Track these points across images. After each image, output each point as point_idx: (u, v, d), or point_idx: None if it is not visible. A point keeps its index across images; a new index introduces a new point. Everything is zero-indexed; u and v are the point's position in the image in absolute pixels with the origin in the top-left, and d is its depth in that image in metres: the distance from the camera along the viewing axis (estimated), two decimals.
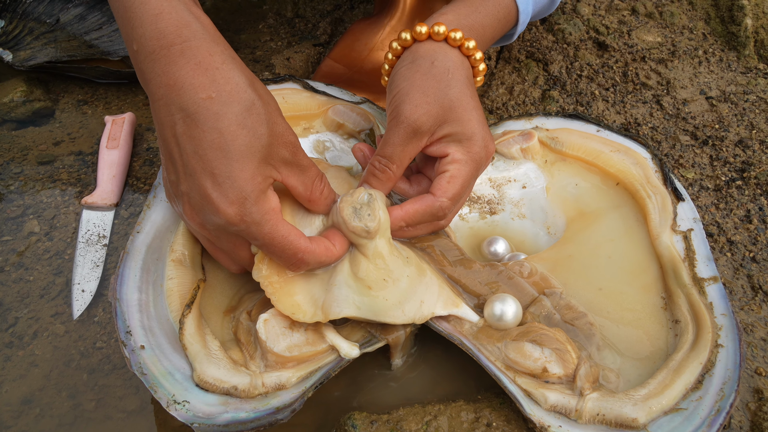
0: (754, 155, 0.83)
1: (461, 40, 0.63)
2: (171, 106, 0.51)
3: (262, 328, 0.56)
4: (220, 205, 0.51)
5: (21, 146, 0.85)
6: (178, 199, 0.55)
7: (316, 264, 0.57)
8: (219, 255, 0.60)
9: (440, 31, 0.63)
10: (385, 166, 0.62)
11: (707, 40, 0.99)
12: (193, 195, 0.52)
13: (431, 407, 0.58)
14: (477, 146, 0.62)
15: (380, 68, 0.91)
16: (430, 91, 0.61)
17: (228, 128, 0.50)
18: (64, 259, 0.72)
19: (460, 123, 0.61)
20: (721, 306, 0.60)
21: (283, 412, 0.53)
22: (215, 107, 0.50)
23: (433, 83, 0.61)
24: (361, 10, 1.09)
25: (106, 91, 0.95)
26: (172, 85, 0.51)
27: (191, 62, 0.51)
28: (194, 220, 0.54)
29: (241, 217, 0.51)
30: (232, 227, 0.52)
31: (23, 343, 0.65)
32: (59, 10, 0.91)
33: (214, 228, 0.53)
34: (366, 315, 0.57)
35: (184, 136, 0.51)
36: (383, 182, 0.62)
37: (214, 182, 0.51)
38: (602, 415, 0.54)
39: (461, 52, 0.64)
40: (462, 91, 0.62)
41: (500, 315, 0.60)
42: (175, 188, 0.55)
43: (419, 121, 0.60)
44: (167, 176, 0.56)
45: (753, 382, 0.62)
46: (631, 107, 0.91)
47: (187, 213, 0.54)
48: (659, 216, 0.67)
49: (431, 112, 0.60)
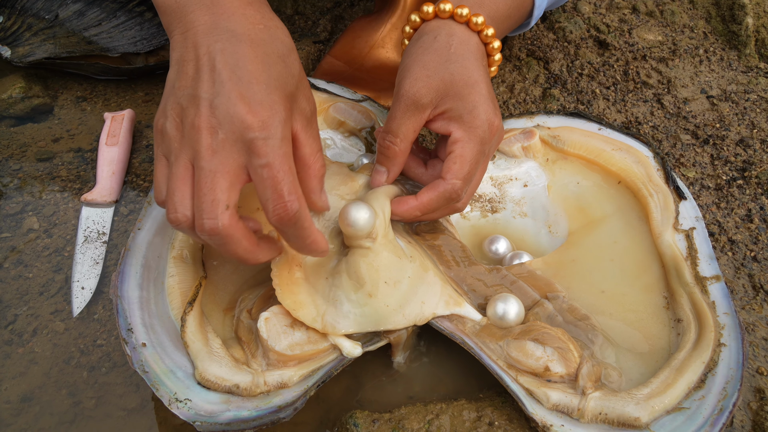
0: (755, 154, 0.83)
1: (468, 16, 0.62)
2: (217, 28, 0.52)
3: (263, 326, 0.56)
4: (248, 110, 0.48)
5: (20, 143, 0.84)
6: (191, 100, 0.50)
7: (301, 224, 0.51)
8: (178, 183, 0.50)
9: (446, 9, 0.62)
10: (390, 142, 0.61)
11: (708, 39, 0.99)
12: (219, 99, 0.49)
13: (433, 406, 0.57)
14: (478, 121, 0.60)
15: (381, 66, 0.91)
16: (430, 64, 0.60)
17: (269, 55, 0.52)
18: (64, 256, 0.72)
19: (460, 98, 0.60)
20: (723, 305, 0.60)
21: (286, 410, 0.53)
22: (263, 35, 0.52)
23: (433, 57, 0.60)
24: (362, 7, 1.09)
25: (105, 87, 0.94)
26: (222, 13, 0.52)
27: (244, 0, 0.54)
28: (205, 121, 0.49)
29: (263, 125, 0.48)
30: (250, 133, 0.48)
31: (23, 341, 0.65)
32: (58, 6, 0.91)
33: (227, 133, 0.48)
34: (368, 328, 0.57)
35: (225, 51, 0.50)
36: (390, 158, 0.62)
37: (248, 93, 0.49)
38: (604, 414, 0.54)
39: (469, 28, 0.63)
40: (464, 66, 0.60)
41: (502, 314, 0.60)
42: (187, 89, 0.51)
43: (418, 94, 0.59)
44: (178, 80, 0.52)
45: (755, 381, 0.62)
46: (632, 106, 0.90)
47: (200, 113, 0.49)
48: (661, 215, 0.67)
49: (431, 85, 0.59)
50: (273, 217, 0.49)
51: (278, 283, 0.56)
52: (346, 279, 0.58)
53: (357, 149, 0.78)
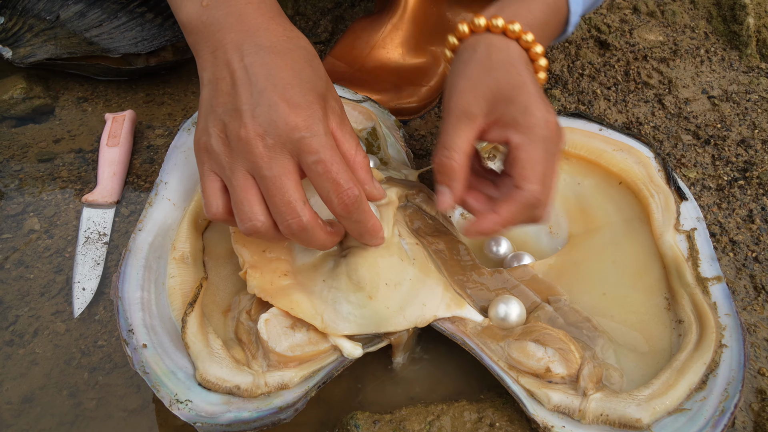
0: (756, 155, 0.83)
1: (503, 26, 0.61)
2: (245, 44, 0.54)
3: (263, 328, 0.56)
4: (290, 112, 0.51)
5: (21, 144, 0.85)
6: (232, 114, 0.53)
7: (363, 208, 0.54)
8: (244, 194, 0.53)
9: (480, 23, 0.61)
10: (446, 157, 0.59)
11: (709, 39, 0.99)
12: (260, 108, 0.52)
13: (434, 407, 0.57)
14: (534, 119, 0.57)
15: (382, 66, 0.91)
16: (474, 75, 0.59)
17: (297, 61, 0.54)
18: (65, 257, 0.72)
19: (510, 101, 0.58)
20: (725, 306, 0.60)
21: (286, 411, 0.53)
22: (288, 45, 0.55)
23: (475, 68, 0.60)
24: (362, 8, 1.09)
25: (106, 88, 0.94)
26: (247, 30, 0.55)
27: (266, 15, 0.56)
28: (252, 130, 0.51)
29: (306, 124, 0.51)
30: (297, 133, 0.51)
31: (24, 342, 0.65)
32: (59, 6, 0.91)
33: (275, 137, 0.51)
34: (368, 330, 0.57)
35: (256, 64, 0.53)
36: (449, 174, 0.59)
37: (286, 97, 0.52)
38: (606, 415, 0.54)
39: (507, 37, 0.62)
40: (507, 71, 0.59)
41: (504, 316, 0.60)
42: (227, 105, 0.53)
43: (467, 104, 0.58)
44: (215, 98, 0.54)
45: (756, 382, 0.62)
46: (633, 106, 0.90)
47: (244, 123, 0.52)
48: (662, 215, 0.67)
49: (477, 93, 0.58)
50: (338, 207, 0.52)
51: (269, 296, 0.57)
52: (345, 281, 0.58)
53: None
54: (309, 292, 0.58)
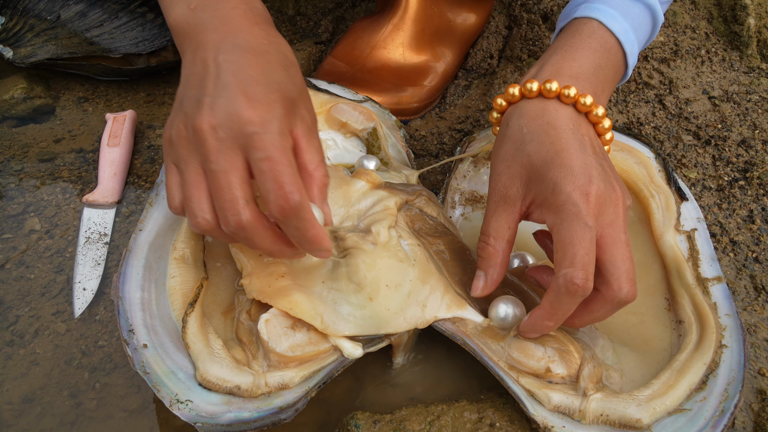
0: (756, 155, 0.83)
1: (537, 88, 0.58)
2: (223, 43, 0.54)
3: (263, 328, 0.56)
4: (247, 106, 0.50)
5: (21, 143, 0.85)
6: (194, 105, 0.52)
7: (302, 215, 0.50)
8: (193, 190, 0.52)
9: (514, 93, 0.58)
10: (484, 242, 0.58)
11: (710, 40, 0.99)
12: (220, 99, 0.51)
13: (434, 407, 0.57)
14: (563, 197, 0.52)
15: (382, 67, 0.91)
16: (507, 155, 0.57)
17: (271, 63, 0.54)
18: (65, 257, 0.72)
19: (541, 179, 0.54)
20: (725, 306, 0.60)
21: (287, 411, 0.53)
22: (266, 47, 0.55)
23: (509, 146, 0.57)
24: (363, 8, 1.09)
25: (107, 88, 0.95)
26: (229, 31, 0.55)
27: (251, 20, 0.56)
28: (206, 121, 0.50)
29: (261, 121, 0.50)
30: (249, 128, 0.49)
31: (24, 342, 0.65)
32: (60, 6, 0.91)
33: (227, 130, 0.50)
34: (368, 331, 0.57)
35: (229, 61, 0.53)
36: (486, 259, 0.58)
37: (247, 92, 0.51)
38: (606, 415, 0.54)
39: (544, 97, 0.58)
40: (540, 141, 0.55)
41: (504, 316, 0.59)
42: (192, 97, 0.53)
43: (504, 187, 0.56)
44: (185, 91, 0.54)
45: (756, 382, 0.62)
46: (634, 107, 0.90)
47: (201, 114, 0.51)
48: (663, 216, 0.67)
49: (512, 174, 0.56)
50: (275, 208, 0.50)
51: (267, 298, 0.57)
52: (345, 282, 0.58)
53: (358, 150, 0.78)
54: (308, 292, 0.58)
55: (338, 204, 0.66)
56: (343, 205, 0.66)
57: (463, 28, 0.96)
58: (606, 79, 0.62)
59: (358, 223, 0.64)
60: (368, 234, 0.61)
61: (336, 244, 0.62)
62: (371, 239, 0.61)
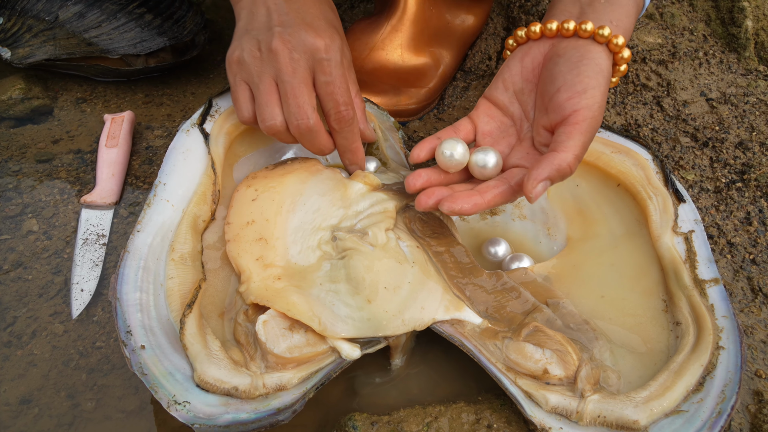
0: (754, 157, 0.83)
1: (609, 36, 0.60)
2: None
3: (261, 329, 0.56)
4: (316, 36, 0.63)
5: (19, 144, 0.85)
6: (266, 32, 0.63)
7: (354, 127, 0.66)
8: (268, 98, 0.63)
9: (587, 29, 0.60)
10: None
11: (708, 42, 0.99)
12: (290, 29, 0.63)
13: (432, 408, 0.57)
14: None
15: (381, 68, 0.91)
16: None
17: (323, 3, 0.68)
18: (63, 258, 0.72)
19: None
20: (722, 308, 0.60)
21: (284, 413, 0.53)
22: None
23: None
24: (361, 9, 1.09)
25: (105, 89, 0.95)
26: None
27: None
28: (282, 44, 0.62)
29: (327, 48, 0.63)
30: (318, 54, 0.62)
31: (22, 343, 0.65)
32: (58, 7, 0.91)
33: (300, 53, 0.62)
34: (366, 333, 0.57)
35: (288, 2, 0.65)
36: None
37: (312, 25, 0.64)
38: (603, 417, 0.54)
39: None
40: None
41: (483, 165, 0.60)
42: (261, 28, 0.64)
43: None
44: (250, 24, 0.65)
45: (753, 384, 0.62)
46: (632, 108, 0.91)
47: (276, 39, 0.62)
48: (660, 217, 0.67)
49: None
50: (335, 120, 0.65)
51: (266, 300, 0.57)
52: (344, 283, 0.58)
53: None
54: (307, 294, 0.58)
55: (336, 205, 0.66)
56: (341, 207, 0.66)
57: (461, 30, 0.96)
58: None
59: (357, 224, 0.64)
60: (366, 236, 0.61)
61: (334, 244, 0.62)
62: (370, 240, 0.61)
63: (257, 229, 0.64)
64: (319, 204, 0.66)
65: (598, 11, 0.62)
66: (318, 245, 0.63)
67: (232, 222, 0.65)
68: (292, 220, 0.65)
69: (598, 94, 0.58)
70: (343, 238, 0.62)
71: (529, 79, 0.64)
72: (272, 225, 0.64)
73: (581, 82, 0.58)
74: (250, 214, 0.65)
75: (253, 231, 0.64)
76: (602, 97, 0.58)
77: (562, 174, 0.56)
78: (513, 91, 0.65)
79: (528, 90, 0.64)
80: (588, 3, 0.63)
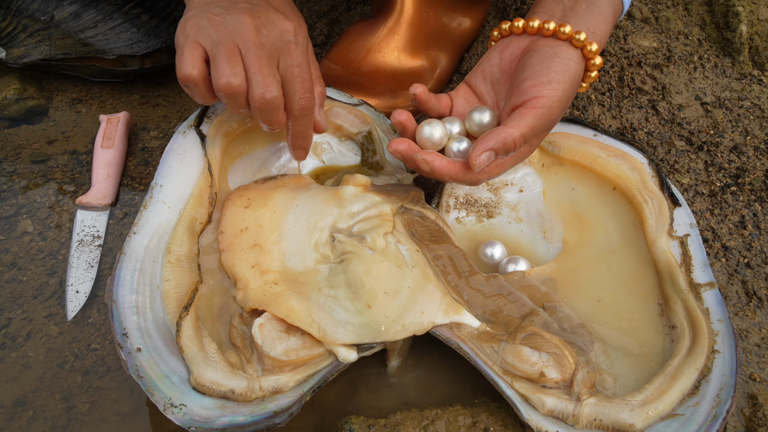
0: (748, 161, 0.83)
1: (584, 41, 0.63)
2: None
3: (257, 332, 0.56)
4: (284, 19, 0.62)
5: (14, 144, 0.84)
6: (231, 4, 0.61)
7: (310, 119, 0.65)
8: (231, 56, 0.59)
9: (565, 31, 0.63)
10: None
11: (702, 46, 0.99)
12: (258, 8, 0.62)
13: (428, 411, 0.57)
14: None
15: (378, 70, 0.91)
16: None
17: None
18: (58, 259, 0.72)
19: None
20: (717, 312, 0.61)
21: (281, 416, 0.53)
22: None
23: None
24: (358, 11, 1.09)
25: (101, 89, 0.94)
26: None
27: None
28: (251, 17, 0.60)
29: (295, 32, 0.63)
30: (287, 35, 0.62)
31: (16, 345, 0.64)
32: (54, 7, 0.90)
33: (269, 30, 0.61)
34: (366, 339, 0.57)
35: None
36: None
37: (279, 8, 0.64)
38: (599, 420, 0.54)
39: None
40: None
41: (479, 122, 0.64)
42: (227, 4, 0.62)
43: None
44: (220, 2, 0.62)
45: (748, 387, 0.63)
46: (627, 112, 0.91)
47: (243, 12, 0.60)
48: (656, 221, 0.67)
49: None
50: (297, 107, 0.63)
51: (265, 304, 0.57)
52: (343, 289, 0.58)
53: (353, 153, 0.79)
54: (305, 299, 0.58)
55: (330, 204, 0.66)
56: (335, 206, 0.66)
57: (458, 33, 0.96)
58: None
59: (354, 227, 0.64)
60: (365, 241, 0.61)
61: (333, 246, 0.62)
62: (369, 245, 0.61)
63: (251, 236, 0.64)
64: (312, 205, 0.66)
65: (578, 16, 0.65)
66: (315, 247, 0.63)
67: (225, 231, 0.65)
68: (286, 224, 0.65)
69: (560, 88, 0.61)
70: (343, 240, 0.62)
71: (506, 71, 0.67)
72: (266, 230, 0.64)
73: (547, 75, 0.61)
74: (243, 221, 0.65)
75: (247, 238, 0.64)
76: (564, 92, 0.61)
77: (506, 147, 0.59)
78: (490, 81, 0.68)
79: (503, 81, 0.67)
80: (570, 6, 0.66)
